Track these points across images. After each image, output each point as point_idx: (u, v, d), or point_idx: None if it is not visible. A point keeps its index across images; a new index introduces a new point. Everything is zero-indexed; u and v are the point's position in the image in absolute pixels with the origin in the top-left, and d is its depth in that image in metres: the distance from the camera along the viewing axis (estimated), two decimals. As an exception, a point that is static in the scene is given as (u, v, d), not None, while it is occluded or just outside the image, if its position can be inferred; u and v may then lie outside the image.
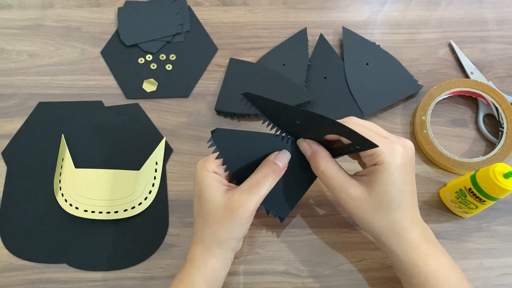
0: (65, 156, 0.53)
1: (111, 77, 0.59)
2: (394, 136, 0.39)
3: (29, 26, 0.64)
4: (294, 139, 0.42)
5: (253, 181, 0.39)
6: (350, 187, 0.39)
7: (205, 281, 0.39)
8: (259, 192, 0.39)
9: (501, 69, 0.59)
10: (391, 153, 0.36)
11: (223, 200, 0.38)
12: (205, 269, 0.39)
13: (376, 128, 0.39)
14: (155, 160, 0.53)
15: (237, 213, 0.38)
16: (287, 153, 0.41)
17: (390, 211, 0.38)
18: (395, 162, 0.36)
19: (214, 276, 0.40)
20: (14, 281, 0.48)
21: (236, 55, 0.60)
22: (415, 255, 0.38)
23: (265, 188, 0.39)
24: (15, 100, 0.58)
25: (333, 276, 0.47)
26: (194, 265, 0.40)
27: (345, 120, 0.39)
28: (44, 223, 0.50)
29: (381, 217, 0.38)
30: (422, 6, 0.64)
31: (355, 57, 0.58)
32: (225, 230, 0.39)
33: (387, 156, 0.36)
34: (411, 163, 0.38)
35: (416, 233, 0.38)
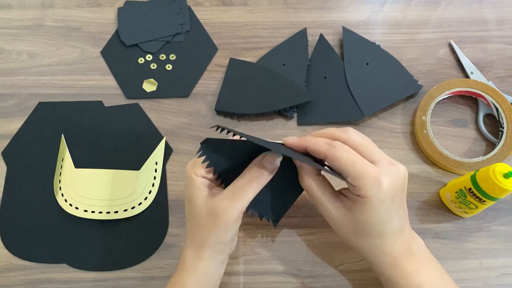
0: (65, 156, 0.53)
1: (111, 77, 0.59)
2: (386, 161, 0.36)
3: (29, 26, 0.64)
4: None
5: (237, 186, 0.38)
6: (332, 208, 0.38)
7: (197, 284, 0.39)
8: (242, 198, 0.37)
9: (501, 69, 0.59)
10: (376, 187, 0.34)
11: (207, 206, 0.38)
12: (196, 272, 0.39)
13: (370, 146, 0.36)
14: (155, 160, 0.53)
15: (220, 219, 0.37)
16: (274, 155, 0.39)
17: (370, 238, 0.37)
18: (378, 197, 0.34)
19: (206, 279, 0.39)
20: (14, 281, 0.48)
21: (236, 55, 0.60)
22: (395, 273, 0.37)
23: (250, 193, 0.37)
24: (15, 100, 0.58)
25: (333, 276, 0.47)
26: (185, 268, 0.39)
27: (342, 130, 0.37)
28: (44, 223, 0.50)
29: (361, 241, 0.38)
30: (422, 6, 0.64)
31: (355, 57, 0.58)
32: (212, 235, 0.38)
33: (371, 191, 0.34)
34: (400, 192, 0.36)
35: (398, 252, 0.37)
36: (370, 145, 0.37)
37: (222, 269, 0.41)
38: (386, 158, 0.36)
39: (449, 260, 0.48)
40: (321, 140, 0.36)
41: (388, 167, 0.35)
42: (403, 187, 0.37)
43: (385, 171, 0.35)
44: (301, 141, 0.37)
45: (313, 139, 0.37)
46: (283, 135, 0.55)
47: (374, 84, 0.56)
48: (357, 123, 0.55)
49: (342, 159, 0.35)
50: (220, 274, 0.41)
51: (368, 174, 0.34)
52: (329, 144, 0.36)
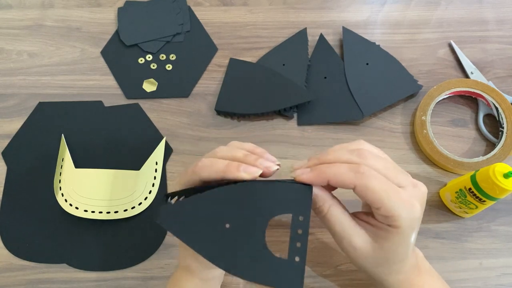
0: (65, 156, 0.53)
1: (111, 77, 0.59)
2: (411, 184, 0.32)
3: (29, 26, 0.64)
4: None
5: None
6: (354, 235, 0.33)
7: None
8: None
9: (501, 69, 0.59)
10: (409, 216, 0.31)
11: None
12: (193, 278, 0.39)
13: (392, 169, 0.32)
14: (155, 160, 0.53)
15: None
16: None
17: (393, 264, 0.35)
18: (411, 224, 0.32)
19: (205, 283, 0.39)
20: (14, 281, 0.48)
21: (236, 55, 0.60)
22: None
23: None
24: (15, 100, 0.58)
25: (333, 276, 0.47)
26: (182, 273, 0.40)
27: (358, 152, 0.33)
28: (44, 223, 0.50)
29: (382, 269, 0.35)
30: (422, 6, 0.64)
31: (355, 57, 0.58)
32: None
33: (404, 221, 0.31)
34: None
35: (409, 269, 0.36)
36: (392, 168, 0.33)
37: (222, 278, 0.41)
38: (410, 180, 0.33)
39: (449, 260, 0.48)
40: (343, 168, 0.31)
41: (414, 190, 0.32)
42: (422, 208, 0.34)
43: (413, 195, 0.32)
44: (319, 174, 0.32)
45: (333, 169, 0.31)
46: (283, 135, 0.55)
47: (374, 84, 0.56)
48: (357, 123, 0.55)
49: (374, 189, 0.30)
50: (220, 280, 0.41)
51: (403, 202, 0.31)
52: (356, 172, 0.31)
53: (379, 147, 0.37)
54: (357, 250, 0.34)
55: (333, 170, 0.31)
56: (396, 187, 0.31)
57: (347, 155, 0.32)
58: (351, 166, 0.31)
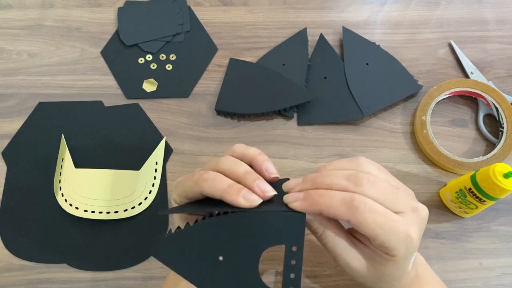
0: (65, 156, 0.53)
1: (111, 77, 0.59)
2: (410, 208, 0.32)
3: (29, 26, 0.64)
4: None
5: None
6: (349, 257, 0.33)
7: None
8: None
9: (501, 69, 0.59)
10: (405, 244, 0.31)
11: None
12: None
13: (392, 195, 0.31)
14: (155, 160, 0.53)
15: None
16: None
17: (392, 281, 0.34)
18: (407, 252, 0.31)
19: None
20: (14, 281, 0.48)
21: (236, 55, 0.60)
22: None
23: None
24: (15, 100, 0.58)
25: (333, 276, 0.47)
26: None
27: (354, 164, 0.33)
28: (44, 223, 0.50)
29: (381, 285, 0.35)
30: (422, 6, 0.64)
31: (355, 57, 0.58)
32: None
33: (400, 250, 0.31)
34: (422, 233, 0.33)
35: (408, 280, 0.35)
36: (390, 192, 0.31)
37: None
38: (409, 204, 0.32)
39: (449, 260, 0.48)
40: (336, 201, 0.30)
41: (413, 216, 0.32)
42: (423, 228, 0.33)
43: (412, 222, 0.31)
44: (312, 204, 0.31)
45: (327, 201, 0.30)
46: (283, 135, 0.55)
47: (374, 84, 0.56)
48: (357, 123, 0.55)
49: (368, 223, 0.30)
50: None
51: (398, 234, 0.30)
52: (349, 206, 0.30)
53: (379, 147, 0.37)
54: (353, 270, 0.34)
55: (327, 202, 0.31)
56: (393, 216, 0.31)
57: (343, 181, 0.31)
58: (345, 199, 0.30)
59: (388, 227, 0.30)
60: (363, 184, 0.31)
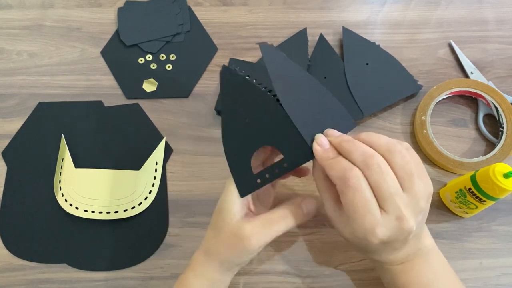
0: (65, 156, 0.53)
1: (111, 77, 0.59)
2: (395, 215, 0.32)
3: (29, 26, 0.64)
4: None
5: (270, 218, 0.37)
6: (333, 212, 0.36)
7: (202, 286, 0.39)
8: (271, 231, 0.37)
9: (501, 69, 0.59)
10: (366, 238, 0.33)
11: (237, 225, 0.37)
12: (202, 277, 0.39)
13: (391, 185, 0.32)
14: (155, 160, 0.53)
15: (244, 244, 0.36)
16: (314, 201, 0.38)
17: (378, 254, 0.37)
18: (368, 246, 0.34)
19: (211, 286, 0.40)
20: (14, 281, 0.48)
21: (236, 55, 0.60)
22: (388, 274, 0.38)
23: (280, 228, 0.37)
24: (15, 100, 0.58)
25: (333, 276, 0.47)
26: (194, 272, 0.40)
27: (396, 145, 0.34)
28: (44, 223, 0.50)
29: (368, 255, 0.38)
30: (422, 6, 0.64)
31: (355, 57, 0.58)
32: (229, 254, 0.38)
33: (362, 241, 0.34)
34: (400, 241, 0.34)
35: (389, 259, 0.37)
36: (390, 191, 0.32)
37: (228, 279, 0.41)
38: (398, 211, 0.32)
39: (449, 260, 0.47)
40: (341, 165, 0.33)
41: (391, 222, 0.32)
42: (405, 240, 0.34)
43: (384, 225, 0.32)
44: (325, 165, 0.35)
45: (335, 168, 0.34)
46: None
47: (374, 84, 0.56)
48: (357, 123, 0.55)
49: (347, 198, 0.33)
50: (226, 284, 0.41)
51: (364, 225, 0.33)
52: (344, 174, 0.33)
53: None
54: (336, 224, 0.36)
55: (334, 169, 0.34)
56: (372, 208, 0.32)
57: (360, 157, 0.33)
58: (346, 168, 0.33)
59: (360, 213, 0.32)
60: (371, 167, 0.32)
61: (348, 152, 0.34)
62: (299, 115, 0.37)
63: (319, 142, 0.36)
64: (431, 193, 0.34)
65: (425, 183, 0.34)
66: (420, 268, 0.37)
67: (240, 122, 0.37)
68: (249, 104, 0.37)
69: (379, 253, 0.36)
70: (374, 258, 0.37)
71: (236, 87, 0.37)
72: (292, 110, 0.36)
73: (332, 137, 0.36)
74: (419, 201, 0.33)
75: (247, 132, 0.37)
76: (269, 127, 0.37)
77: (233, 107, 0.38)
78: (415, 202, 0.33)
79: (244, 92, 0.37)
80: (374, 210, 0.32)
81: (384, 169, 0.32)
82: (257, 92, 0.37)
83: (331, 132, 0.37)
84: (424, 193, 0.33)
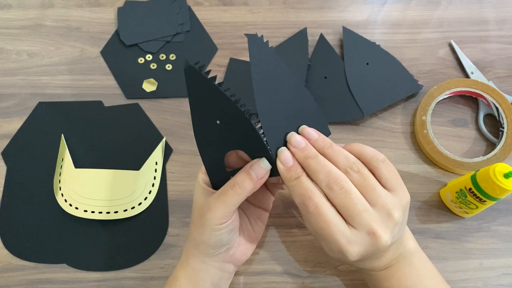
0: (65, 156, 0.53)
1: (111, 77, 0.59)
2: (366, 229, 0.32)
3: (29, 26, 0.64)
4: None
5: (222, 189, 0.37)
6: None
7: (188, 278, 0.40)
8: (225, 201, 0.36)
9: (502, 69, 0.59)
10: (340, 255, 0.33)
11: (200, 203, 0.38)
12: (187, 266, 0.40)
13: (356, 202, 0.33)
14: (155, 160, 0.52)
15: (205, 218, 0.37)
16: (266, 163, 0.36)
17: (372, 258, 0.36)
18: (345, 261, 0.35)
19: (195, 276, 0.40)
20: (14, 281, 0.48)
21: (236, 55, 0.60)
22: (372, 279, 0.39)
23: (232, 198, 0.36)
24: (15, 100, 0.58)
25: (333, 276, 0.47)
26: (180, 263, 0.41)
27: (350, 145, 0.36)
28: (44, 223, 0.50)
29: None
30: (422, 6, 0.64)
31: (355, 57, 0.58)
32: (199, 234, 0.38)
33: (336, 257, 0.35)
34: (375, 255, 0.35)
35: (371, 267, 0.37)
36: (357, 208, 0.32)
37: (217, 275, 0.40)
38: (369, 226, 0.32)
39: (449, 260, 0.48)
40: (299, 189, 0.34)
41: (363, 237, 0.33)
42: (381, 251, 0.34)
43: (357, 241, 0.32)
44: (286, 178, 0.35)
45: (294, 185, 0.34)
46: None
47: (374, 84, 0.56)
48: (357, 123, 0.55)
49: (312, 222, 0.33)
50: (215, 280, 0.40)
51: (334, 243, 0.33)
52: (303, 201, 0.33)
53: (379, 147, 0.37)
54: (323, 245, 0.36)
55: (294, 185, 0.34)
56: (339, 226, 0.32)
57: (322, 176, 0.33)
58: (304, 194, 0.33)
59: (328, 233, 0.32)
60: (335, 189, 0.33)
61: (313, 171, 0.34)
62: (272, 119, 0.35)
63: (282, 159, 0.35)
64: (408, 202, 0.35)
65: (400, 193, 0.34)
66: (403, 271, 0.37)
67: (209, 122, 0.36)
68: (217, 108, 0.35)
69: (361, 263, 0.36)
70: (357, 266, 0.38)
71: (202, 88, 0.35)
72: (266, 112, 0.35)
73: (298, 148, 0.35)
74: (391, 213, 0.33)
75: (219, 133, 0.36)
76: (238, 134, 0.36)
77: (201, 106, 0.36)
78: (385, 215, 0.33)
79: (211, 95, 0.35)
80: (342, 228, 0.32)
81: (348, 187, 0.33)
82: (225, 99, 0.35)
83: (307, 131, 0.36)
84: (395, 204, 0.33)
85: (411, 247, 0.38)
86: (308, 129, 0.36)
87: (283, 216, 0.50)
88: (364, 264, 0.36)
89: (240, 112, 0.34)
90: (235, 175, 0.37)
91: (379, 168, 0.34)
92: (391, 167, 0.35)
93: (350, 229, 0.33)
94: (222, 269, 0.41)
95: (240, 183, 0.36)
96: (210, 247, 0.39)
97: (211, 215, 0.36)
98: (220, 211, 0.36)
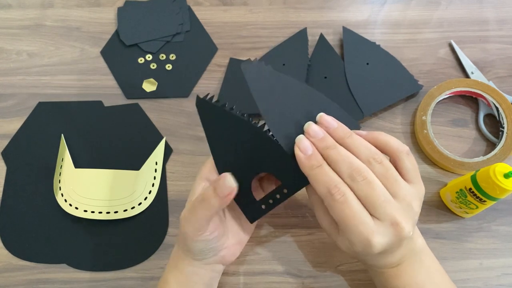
0: (65, 156, 0.53)
1: (111, 77, 0.59)
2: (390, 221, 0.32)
3: (29, 26, 0.63)
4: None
5: (194, 203, 0.36)
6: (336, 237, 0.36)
7: (178, 282, 0.40)
8: (196, 216, 0.36)
9: (502, 69, 0.59)
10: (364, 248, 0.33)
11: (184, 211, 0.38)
12: (176, 269, 0.40)
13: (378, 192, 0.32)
14: (155, 160, 0.52)
15: (181, 229, 0.37)
16: (229, 180, 0.35)
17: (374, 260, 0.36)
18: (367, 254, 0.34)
19: (186, 279, 0.40)
20: (14, 281, 0.48)
21: (236, 55, 0.60)
22: (382, 277, 0.38)
23: (202, 213, 0.35)
24: (15, 100, 0.58)
25: (333, 276, 0.47)
26: (169, 265, 0.41)
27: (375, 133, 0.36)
28: (44, 223, 0.50)
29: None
30: (423, 6, 0.64)
31: (355, 57, 0.58)
32: (182, 240, 0.39)
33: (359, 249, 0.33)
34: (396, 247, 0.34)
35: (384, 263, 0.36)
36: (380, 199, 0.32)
37: (207, 276, 0.40)
38: (392, 217, 0.32)
39: (449, 260, 0.48)
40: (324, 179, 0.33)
41: (387, 228, 0.32)
42: (400, 244, 0.34)
43: (380, 232, 0.32)
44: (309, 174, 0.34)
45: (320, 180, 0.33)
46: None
47: (374, 84, 0.56)
48: (357, 123, 0.55)
49: (337, 211, 0.32)
50: (206, 280, 0.40)
51: (359, 235, 0.32)
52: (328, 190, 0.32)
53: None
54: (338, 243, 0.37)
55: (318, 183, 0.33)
56: (364, 218, 0.32)
57: (344, 168, 0.33)
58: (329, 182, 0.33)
59: (353, 224, 0.32)
60: (358, 180, 0.32)
61: (334, 162, 0.33)
62: (288, 133, 0.35)
63: (302, 147, 0.34)
64: (423, 194, 0.35)
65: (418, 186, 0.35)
66: (413, 268, 0.37)
67: (229, 151, 0.36)
68: (233, 133, 0.36)
69: (376, 259, 0.36)
70: (369, 263, 0.37)
71: (215, 117, 0.36)
72: (278, 129, 0.35)
73: (316, 139, 0.35)
74: (412, 205, 0.33)
75: (239, 162, 0.36)
76: (259, 155, 0.35)
77: (218, 137, 0.37)
78: (406, 206, 0.33)
79: (225, 122, 0.36)
80: (367, 219, 0.32)
81: (371, 177, 0.32)
82: (238, 121, 0.35)
83: (325, 119, 0.36)
84: (415, 196, 0.34)
85: (420, 244, 0.38)
86: (326, 117, 0.35)
87: (283, 216, 0.50)
88: (378, 260, 0.36)
89: (255, 128, 0.35)
90: (204, 189, 0.36)
91: (403, 160, 0.34)
92: (414, 160, 0.35)
93: (374, 220, 0.32)
94: (212, 270, 0.41)
95: (207, 199, 0.35)
96: (195, 254, 0.39)
97: (185, 230, 0.37)
98: (192, 226, 0.36)
